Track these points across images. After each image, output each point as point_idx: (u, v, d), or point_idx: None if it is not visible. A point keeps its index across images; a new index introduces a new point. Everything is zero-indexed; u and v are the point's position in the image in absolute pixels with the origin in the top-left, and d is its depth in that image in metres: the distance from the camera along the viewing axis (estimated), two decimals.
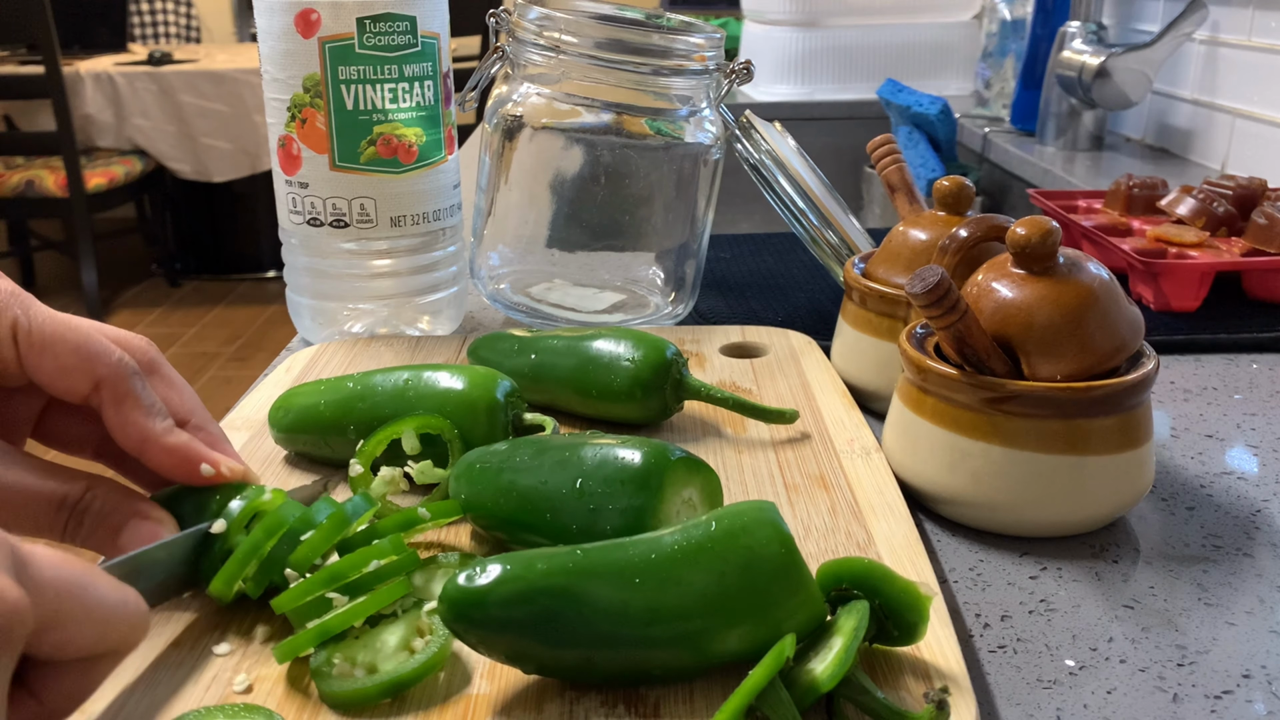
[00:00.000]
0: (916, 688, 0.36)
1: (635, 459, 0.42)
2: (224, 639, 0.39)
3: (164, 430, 0.42)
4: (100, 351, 0.41)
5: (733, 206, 1.44)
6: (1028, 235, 0.46)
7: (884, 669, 0.37)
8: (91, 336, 0.42)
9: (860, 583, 0.37)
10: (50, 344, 0.41)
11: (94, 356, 0.41)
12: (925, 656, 0.37)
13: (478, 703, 0.36)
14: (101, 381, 0.41)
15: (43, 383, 0.41)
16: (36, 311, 0.41)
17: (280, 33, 0.63)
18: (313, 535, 0.40)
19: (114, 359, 0.41)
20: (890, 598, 0.36)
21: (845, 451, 0.52)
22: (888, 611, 0.36)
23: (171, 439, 0.42)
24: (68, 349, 0.41)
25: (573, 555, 0.35)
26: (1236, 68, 1.19)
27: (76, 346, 0.41)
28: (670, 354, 0.54)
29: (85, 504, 0.40)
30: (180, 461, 0.42)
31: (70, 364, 0.41)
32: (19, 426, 0.45)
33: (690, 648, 0.35)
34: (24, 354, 0.41)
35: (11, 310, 0.41)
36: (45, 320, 0.41)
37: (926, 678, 0.36)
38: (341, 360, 0.64)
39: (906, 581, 0.36)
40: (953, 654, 0.37)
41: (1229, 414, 0.61)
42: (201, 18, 4.64)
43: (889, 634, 0.37)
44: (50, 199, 3.23)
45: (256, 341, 3.43)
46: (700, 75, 0.67)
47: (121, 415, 0.41)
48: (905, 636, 0.36)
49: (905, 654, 0.37)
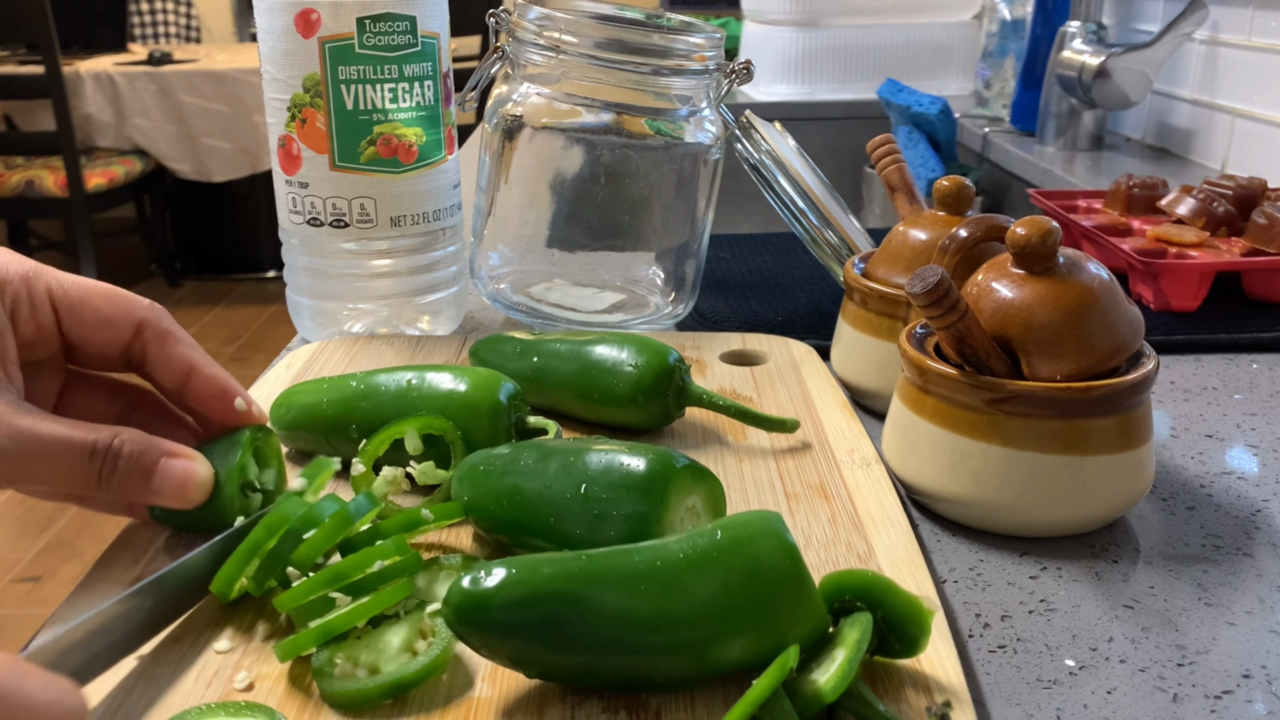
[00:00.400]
0: (917, 700, 0.36)
1: (640, 465, 0.42)
2: (225, 636, 0.39)
3: (207, 361, 0.46)
4: (133, 298, 0.45)
5: (733, 206, 1.44)
6: (1028, 235, 0.46)
7: (884, 681, 0.37)
8: (119, 290, 0.46)
9: (863, 595, 0.37)
10: (87, 299, 0.44)
11: (130, 302, 0.45)
12: (925, 669, 0.37)
13: (479, 706, 0.36)
14: (144, 323, 0.45)
15: (86, 337, 0.45)
16: (58, 276, 0.45)
17: (280, 33, 0.63)
18: (315, 534, 0.40)
19: (147, 303, 0.46)
20: (893, 610, 0.36)
21: (846, 462, 0.52)
22: (890, 624, 0.36)
23: (214, 369, 0.46)
24: (104, 299, 0.45)
25: (578, 560, 0.35)
26: (1236, 68, 1.19)
27: (110, 295, 0.45)
28: (673, 360, 0.54)
29: (115, 449, 0.41)
30: (219, 392, 0.46)
31: (110, 313, 0.45)
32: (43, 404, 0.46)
33: (693, 656, 0.35)
34: (63, 315, 0.44)
35: (43, 278, 0.44)
36: (74, 282, 0.45)
37: (927, 690, 0.36)
38: (342, 358, 0.64)
39: (910, 595, 0.36)
40: (953, 667, 0.37)
41: (1229, 414, 0.61)
42: (201, 18, 4.64)
43: (890, 646, 0.37)
44: (50, 199, 3.23)
45: (256, 341, 3.43)
46: (700, 75, 0.67)
47: (167, 350, 0.45)
48: (906, 649, 0.36)
49: (906, 666, 0.37)
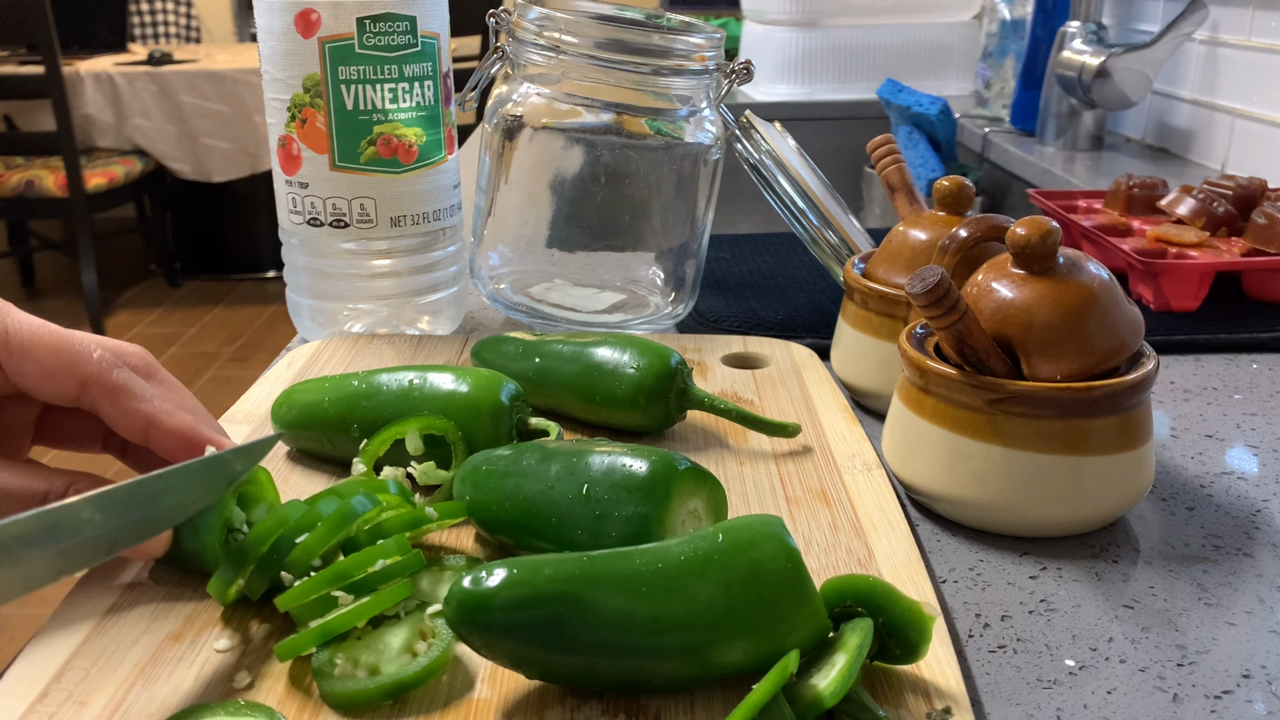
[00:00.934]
0: (917, 706, 0.36)
1: (642, 468, 0.42)
2: (224, 635, 0.39)
3: (167, 412, 0.42)
4: (80, 351, 0.41)
5: (733, 206, 1.44)
6: (1028, 235, 0.46)
7: (884, 687, 0.37)
8: (70, 338, 0.42)
9: (864, 600, 0.37)
10: (30, 349, 0.41)
11: (74, 356, 0.41)
12: (925, 675, 0.37)
13: (479, 707, 0.36)
14: (88, 380, 0.41)
15: (28, 388, 0.41)
16: (16, 318, 0.41)
17: (280, 33, 0.63)
18: (313, 533, 0.40)
19: (94, 356, 0.41)
20: (894, 616, 0.36)
21: (847, 467, 0.52)
22: (890, 630, 0.36)
23: (176, 420, 0.42)
24: (47, 351, 0.41)
25: (579, 562, 0.35)
26: (1236, 68, 1.19)
27: (55, 348, 0.41)
28: (675, 363, 0.54)
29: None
30: (185, 443, 0.42)
31: (52, 366, 0.41)
32: (21, 431, 0.45)
33: (694, 658, 0.35)
34: (4, 360, 0.41)
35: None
36: (24, 326, 0.41)
37: (927, 696, 0.36)
38: (343, 357, 0.64)
39: (911, 601, 0.36)
40: (953, 673, 0.37)
41: (1229, 414, 0.61)
42: (201, 18, 4.64)
43: (891, 652, 0.37)
44: (50, 199, 3.23)
45: (256, 341, 3.42)
46: (700, 75, 0.67)
47: (119, 406, 0.41)
48: (907, 655, 0.37)
49: (906, 672, 0.37)
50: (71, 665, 0.37)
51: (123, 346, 0.44)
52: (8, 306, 0.42)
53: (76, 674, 0.37)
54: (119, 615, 0.40)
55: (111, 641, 0.38)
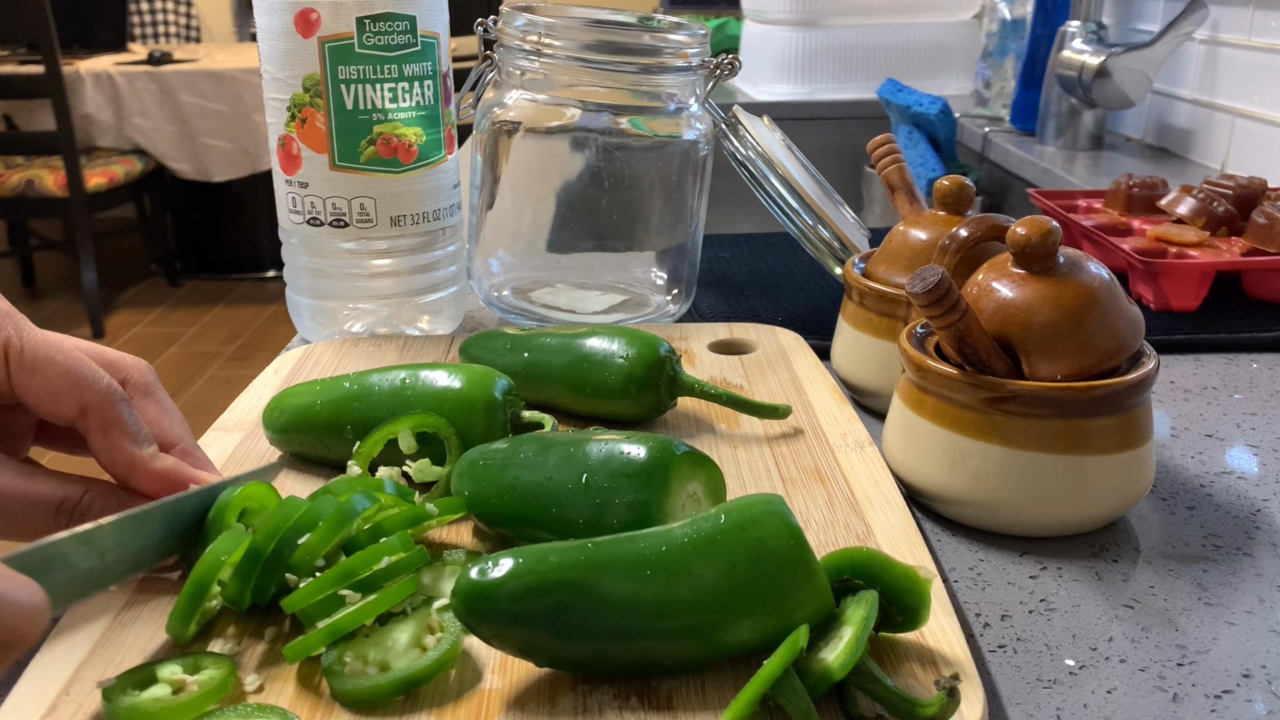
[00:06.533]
0: (924, 675, 0.36)
1: (640, 454, 0.42)
2: (231, 638, 0.39)
3: (150, 456, 0.42)
4: (88, 377, 0.41)
5: (733, 206, 1.44)
6: (1028, 235, 0.46)
7: (890, 657, 0.37)
8: (81, 361, 0.41)
9: (861, 572, 0.37)
10: (40, 366, 0.41)
11: (82, 381, 0.41)
12: (930, 644, 0.38)
13: (491, 697, 0.36)
14: (88, 408, 0.41)
15: (31, 404, 0.41)
16: (30, 333, 0.41)
17: (280, 32, 0.62)
18: (312, 535, 0.40)
19: (101, 385, 0.41)
20: (891, 584, 0.37)
21: (839, 445, 0.53)
22: (890, 598, 0.37)
23: (158, 464, 0.42)
24: (57, 372, 0.41)
25: (584, 549, 0.36)
26: (1236, 68, 1.19)
27: (65, 370, 0.41)
28: (664, 351, 0.54)
29: (84, 506, 0.40)
30: (167, 486, 0.42)
31: (59, 388, 0.41)
32: (21, 434, 0.45)
33: (701, 639, 0.35)
34: (14, 375, 0.41)
35: (4, 330, 0.41)
36: (38, 342, 0.41)
37: (933, 665, 0.37)
38: (331, 360, 0.64)
39: (906, 567, 0.37)
40: (958, 642, 0.37)
41: (1229, 414, 0.61)
42: (201, 17, 4.64)
43: (893, 620, 0.37)
44: (50, 199, 3.23)
45: (256, 341, 3.42)
46: (685, 72, 0.68)
47: (109, 441, 0.41)
48: (909, 622, 0.37)
49: (911, 643, 0.38)
50: (78, 678, 0.37)
51: (125, 360, 0.44)
52: (24, 321, 0.42)
53: (84, 686, 0.36)
54: (124, 626, 0.40)
55: (118, 652, 0.38)
